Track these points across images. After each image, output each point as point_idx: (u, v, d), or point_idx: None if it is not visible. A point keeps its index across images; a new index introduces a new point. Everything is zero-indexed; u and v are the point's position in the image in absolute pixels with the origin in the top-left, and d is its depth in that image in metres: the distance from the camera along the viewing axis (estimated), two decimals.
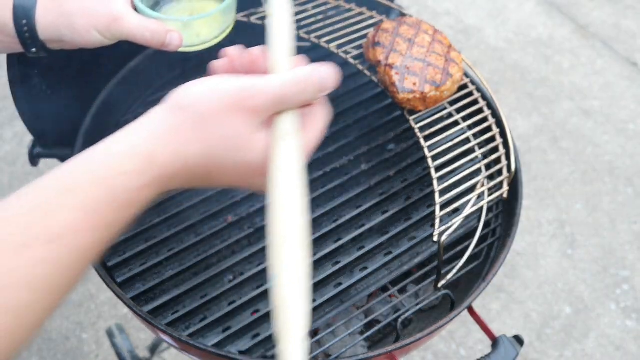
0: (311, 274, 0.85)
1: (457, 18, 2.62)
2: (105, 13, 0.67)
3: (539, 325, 1.74)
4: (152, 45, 0.69)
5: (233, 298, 0.82)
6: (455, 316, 0.76)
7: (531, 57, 2.47)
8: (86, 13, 0.67)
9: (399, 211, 0.91)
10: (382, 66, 0.81)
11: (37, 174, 1.96)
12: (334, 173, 0.94)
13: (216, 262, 0.85)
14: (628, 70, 2.44)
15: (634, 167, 2.11)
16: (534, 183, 2.05)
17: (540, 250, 1.90)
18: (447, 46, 0.84)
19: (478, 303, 0.84)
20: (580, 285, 1.82)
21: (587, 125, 2.24)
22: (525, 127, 2.21)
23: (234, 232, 0.87)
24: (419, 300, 0.85)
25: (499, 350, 0.73)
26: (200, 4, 0.78)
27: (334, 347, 0.86)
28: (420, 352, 1.67)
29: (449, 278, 0.80)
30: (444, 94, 0.81)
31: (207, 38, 0.75)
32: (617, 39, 2.56)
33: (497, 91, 2.31)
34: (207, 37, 0.75)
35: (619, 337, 1.72)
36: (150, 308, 0.79)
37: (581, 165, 2.11)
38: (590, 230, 1.94)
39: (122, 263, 0.83)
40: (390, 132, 0.99)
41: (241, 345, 0.80)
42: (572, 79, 2.40)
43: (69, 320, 1.67)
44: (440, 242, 0.75)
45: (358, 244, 0.89)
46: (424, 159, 0.81)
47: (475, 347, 1.68)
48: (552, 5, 2.69)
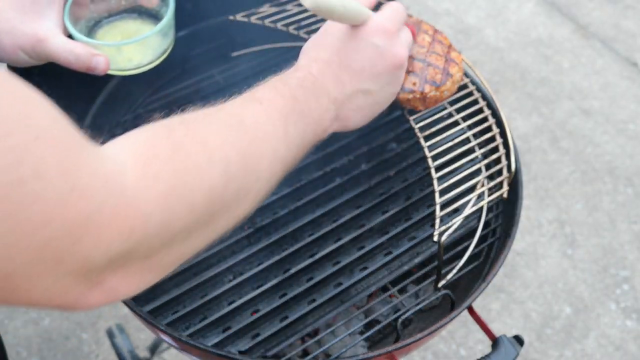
0: (311, 273, 0.85)
1: (457, 18, 2.62)
2: (31, 34, 0.66)
3: (539, 325, 1.74)
4: (77, 68, 0.68)
5: (233, 298, 0.82)
6: (455, 316, 0.76)
7: (531, 57, 2.47)
8: (11, 32, 0.66)
9: (399, 211, 0.91)
10: None
11: None
12: (334, 173, 0.94)
13: (216, 262, 0.85)
14: (628, 70, 2.44)
15: (634, 167, 2.11)
16: (534, 183, 2.06)
17: (540, 250, 1.90)
18: (447, 46, 0.84)
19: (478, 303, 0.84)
20: (580, 285, 1.82)
21: (587, 125, 2.24)
22: (525, 127, 2.22)
23: (234, 232, 0.87)
24: (419, 300, 0.85)
25: (499, 350, 0.73)
26: (137, 27, 0.77)
27: (334, 347, 0.86)
28: (420, 352, 1.67)
29: (449, 278, 0.80)
30: (444, 94, 0.81)
31: (141, 63, 0.74)
32: (617, 39, 2.56)
33: (497, 91, 2.31)
34: (140, 62, 0.73)
35: (619, 337, 1.72)
36: (150, 308, 0.79)
37: (581, 165, 2.11)
38: (590, 230, 1.95)
39: None
40: (390, 132, 0.99)
41: (241, 345, 0.80)
42: (572, 79, 2.40)
43: (69, 320, 1.67)
44: (440, 242, 0.75)
45: (358, 244, 0.89)
46: (424, 159, 0.81)
47: (475, 347, 1.68)
48: (552, 5, 2.69)
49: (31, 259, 0.35)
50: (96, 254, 0.38)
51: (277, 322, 0.82)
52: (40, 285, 0.37)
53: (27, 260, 0.35)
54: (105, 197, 0.38)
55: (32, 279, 0.36)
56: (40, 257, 0.36)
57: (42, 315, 1.68)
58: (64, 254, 0.37)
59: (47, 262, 0.36)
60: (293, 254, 0.86)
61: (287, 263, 0.85)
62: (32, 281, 0.37)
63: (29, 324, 1.66)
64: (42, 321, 1.67)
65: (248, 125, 0.52)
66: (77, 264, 0.38)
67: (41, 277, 0.37)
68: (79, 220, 0.36)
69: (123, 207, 0.39)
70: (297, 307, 0.83)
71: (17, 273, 0.36)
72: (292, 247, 0.86)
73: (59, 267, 0.37)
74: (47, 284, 0.37)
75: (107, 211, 0.38)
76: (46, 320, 1.67)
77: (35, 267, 0.36)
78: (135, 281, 0.44)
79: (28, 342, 1.63)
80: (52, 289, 0.38)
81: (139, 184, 0.41)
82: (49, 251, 0.36)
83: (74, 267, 0.38)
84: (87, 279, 0.40)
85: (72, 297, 0.40)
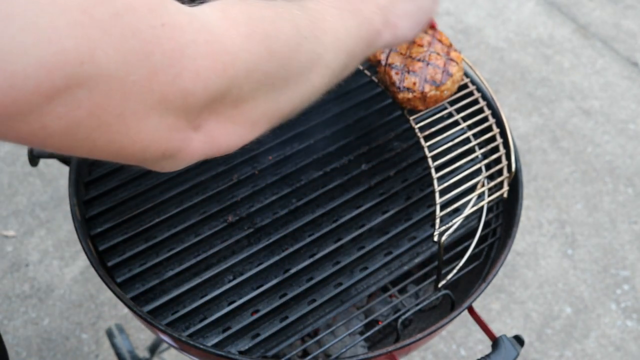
0: (311, 274, 0.85)
1: (457, 18, 2.62)
2: None
3: (539, 325, 1.74)
4: None
5: (233, 298, 0.82)
6: (455, 316, 0.76)
7: (531, 57, 2.47)
8: None
9: (399, 211, 0.91)
10: (382, 66, 0.81)
11: (37, 174, 1.96)
12: (334, 173, 0.94)
13: (216, 262, 0.85)
14: (628, 70, 2.44)
15: (634, 167, 2.11)
16: (534, 183, 2.05)
17: (541, 250, 1.90)
18: (447, 46, 0.84)
19: (478, 303, 0.84)
20: (581, 285, 1.82)
21: (588, 125, 2.24)
22: (526, 127, 2.21)
23: (234, 232, 0.87)
24: (419, 300, 0.84)
25: (499, 350, 0.73)
26: None
27: (334, 347, 0.86)
28: (420, 352, 1.67)
29: (449, 278, 0.80)
30: (444, 94, 0.81)
31: None
32: (618, 38, 2.56)
33: (497, 91, 2.31)
34: None
35: (619, 337, 1.72)
36: (150, 308, 0.79)
37: (581, 165, 2.11)
38: (591, 230, 1.94)
39: (122, 263, 0.83)
40: (390, 132, 0.99)
41: (241, 345, 0.80)
42: (573, 78, 2.40)
43: (69, 320, 1.67)
44: (441, 242, 0.75)
45: (358, 244, 0.89)
46: (424, 159, 0.81)
47: (475, 347, 1.68)
48: (552, 5, 2.69)
49: (140, 94, 0.38)
50: (196, 89, 0.41)
51: (277, 322, 0.81)
52: (148, 124, 0.40)
53: (137, 96, 0.38)
54: (195, 32, 0.41)
55: (141, 116, 0.39)
56: (147, 91, 0.38)
57: (41, 315, 1.68)
58: (168, 88, 0.39)
59: (153, 96, 0.39)
60: (293, 254, 0.86)
61: (287, 263, 0.85)
62: (141, 119, 0.39)
63: (28, 324, 1.66)
64: (42, 321, 1.67)
65: (309, 7, 0.56)
66: (180, 100, 0.40)
67: (149, 114, 0.39)
68: (177, 52, 0.39)
69: (213, 44, 0.42)
70: (297, 307, 0.83)
71: (128, 110, 0.38)
72: (292, 247, 0.86)
73: (164, 104, 0.40)
74: (154, 122, 0.40)
75: (201, 46, 0.41)
76: (46, 321, 1.67)
77: (143, 102, 0.38)
78: (231, 131, 0.47)
79: (28, 342, 1.63)
80: (159, 129, 0.41)
81: (222, 24, 0.44)
82: (155, 85, 0.38)
83: (177, 103, 0.40)
84: (189, 120, 0.43)
85: (177, 140, 0.43)
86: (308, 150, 0.96)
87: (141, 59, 0.37)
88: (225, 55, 0.43)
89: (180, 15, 0.40)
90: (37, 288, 1.73)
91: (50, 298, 1.71)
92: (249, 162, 0.94)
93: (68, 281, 1.74)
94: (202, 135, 0.45)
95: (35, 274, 1.75)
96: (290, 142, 0.96)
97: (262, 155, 0.94)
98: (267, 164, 0.93)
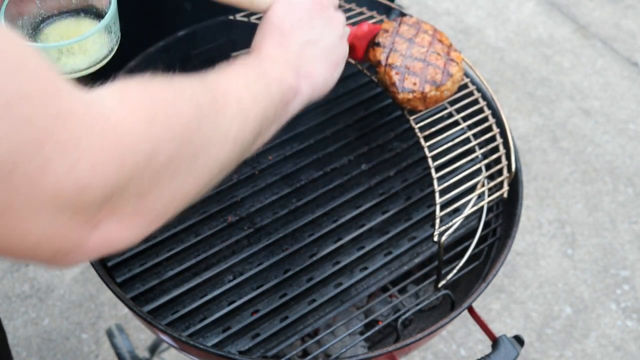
0: (311, 274, 0.85)
1: (457, 18, 2.62)
2: None
3: (539, 325, 1.74)
4: None
5: (233, 298, 0.82)
6: (455, 316, 0.76)
7: (531, 57, 2.47)
8: None
9: (399, 211, 0.91)
10: (382, 66, 0.81)
11: None
12: (334, 173, 0.94)
13: (216, 262, 0.85)
14: (628, 70, 2.44)
15: (634, 167, 2.11)
16: (534, 183, 2.05)
17: (541, 250, 1.90)
18: (447, 46, 0.84)
19: (478, 303, 0.84)
20: (581, 285, 1.82)
21: (588, 125, 2.24)
22: (526, 127, 2.21)
23: (234, 232, 0.87)
24: (419, 300, 0.85)
25: (499, 350, 0.73)
26: (86, 26, 0.70)
27: (334, 347, 0.86)
28: (420, 352, 1.67)
29: (449, 278, 0.80)
30: (444, 94, 0.81)
31: (81, 66, 0.68)
32: (618, 38, 2.56)
33: (497, 91, 2.31)
34: (81, 65, 0.67)
35: (619, 337, 1.72)
36: (150, 308, 0.79)
37: (581, 165, 2.11)
38: (591, 230, 1.94)
39: (122, 263, 0.83)
40: (390, 132, 0.99)
41: (241, 345, 0.80)
42: (573, 78, 2.40)
43: (69, 320, 1.67)
44: (440, 242, 0.75)
45: (358, 244, 0.89)
46: (424, 159, 0.81)
47: (475, 347, 1.68)
48: (552, 5, 2.69)
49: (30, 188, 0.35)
50: (93, 183, 0.38)
51: (277, 322, 0.81)
52: (37, 223, 0.37)
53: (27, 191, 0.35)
54: (92, 121, 0.39)
55: (31, 212, 0.36)
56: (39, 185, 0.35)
57: (41, 315, 1.68)
58: (62, 181, 0.36)
59: (46, 191, 0.36)
60: (293, 254, 0.86)
61: (287, 263, 0.85)
62: (29, 219, 0.36)
63: (28, 324, 1.66)
64: (42, 321, 1.67)
65: (210, 81, 0.55)
66: (76, 195, 0.37)
67: (38, 212, 0.36)
68: (72, 143, 0.36)
69: (110, 133, 0.40)
70: (297, 307, 0.83)
71: (14, 208, 0.35)
72: (292, 247, 0.86)
73: (57, 199, 0.37)
74: (45, 222, 0.37)
75: (98, 135, 0.38)
76: (46, 320, 1.67)
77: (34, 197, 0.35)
78: (130, 227, 0.44)
79: (28, 342, 1.63)
80: (50, 229, 0.38)
81: (120, 110, 0.42)
82: (49, 177, 0.35)
83: (72, 199, 0.37)
84: (84, 219, 0.40)
85: (71, 241, 0.40)
86: (308, 150, 0.96)
87: (34, 150, 0.35)
88: (123, 145, 0.40)
89: (76, 102, 0.38)
90: (37, 288, 1.73)
91: (50, 298, 1.71)
92: (249, 162, 0.94)
93: (68, 281, 1.74)
94: (99, 235, 0.42)
95: (35, 274, 1.75)
96: (290, 142, 0.97)
97: (262, 155, 0.95)
98: (267, 164, 0.93)
